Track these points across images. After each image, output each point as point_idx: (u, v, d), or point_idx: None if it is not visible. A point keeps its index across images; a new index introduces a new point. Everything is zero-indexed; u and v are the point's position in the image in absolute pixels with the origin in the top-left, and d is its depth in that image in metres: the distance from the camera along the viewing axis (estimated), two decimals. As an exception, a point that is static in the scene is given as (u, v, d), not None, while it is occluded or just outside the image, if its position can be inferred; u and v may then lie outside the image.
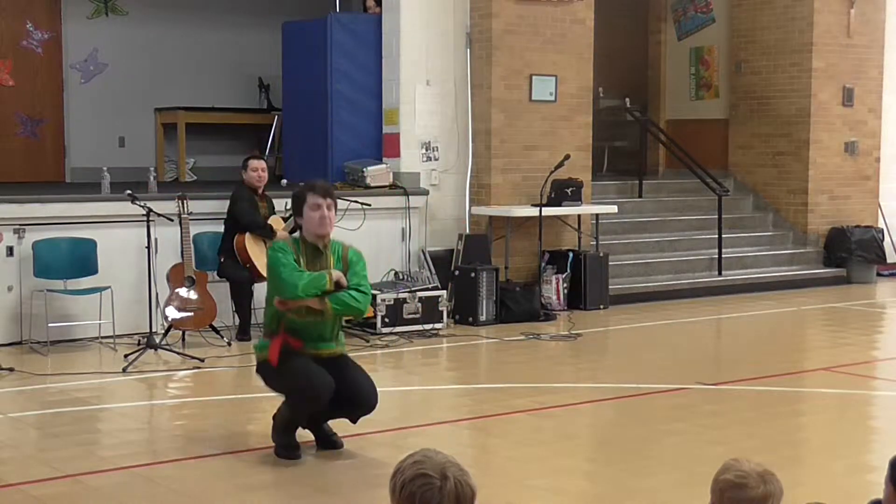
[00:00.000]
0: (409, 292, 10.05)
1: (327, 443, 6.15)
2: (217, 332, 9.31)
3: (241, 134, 14.08)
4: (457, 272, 10.71)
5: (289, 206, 9.90)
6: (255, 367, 6.26)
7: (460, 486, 2.45)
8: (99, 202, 9.73)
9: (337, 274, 5.93)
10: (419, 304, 10.05)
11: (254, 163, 9.71)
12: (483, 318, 10.44)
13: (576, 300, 11.26)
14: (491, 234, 11.26)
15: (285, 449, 6.01)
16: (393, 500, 2.51)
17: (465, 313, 10.49)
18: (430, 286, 10.44)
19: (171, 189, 10.26)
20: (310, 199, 6.01)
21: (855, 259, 13.61)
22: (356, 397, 6.05)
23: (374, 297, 9.82)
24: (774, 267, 13.36)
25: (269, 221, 9.59)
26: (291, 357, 5.92)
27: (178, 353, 8.76)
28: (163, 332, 9.05)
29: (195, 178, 13.75)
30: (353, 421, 6.18)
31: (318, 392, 5.85)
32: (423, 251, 11.07)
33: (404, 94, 11.22)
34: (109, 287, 9.07)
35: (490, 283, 10.52)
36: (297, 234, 6.25)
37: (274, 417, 6.14)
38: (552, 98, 11.62)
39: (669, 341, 10.06)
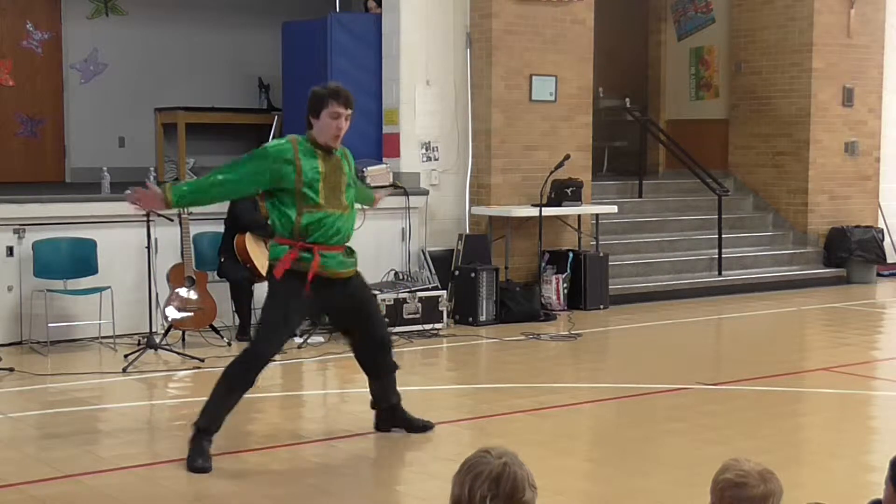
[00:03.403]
0: (409, 292, 10.05)
1: (417, 426, 6.37)
2: (217, 332, 9.31)
3: (241, 134, 14.06)
4: (457, 272, 10.71)
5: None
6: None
7: (507, 470, 2.63)
8: (99, 202, 9.73)
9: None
10: (419, 304, 10.05)
11: (254, 162, 9.70)
12: (483, 318, 10.44)
13: (576, 300, 11.26)
14: (491, 234, 11.26)
15: (199, 463, 5.75)
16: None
17: (465, 313, 10.49)
18: (430, 286, 10.44)
19: (171, 189, 10.24)
20: (331, 106, 5.95)
21: (855, 259, 13.61)
22: (377, 334, 6.25)
23: (374, 296, 9.81)
24: (774, 267, 13.36)
25: (269, 221, 9.57)
26: (293, 302, 5.95)
27: (178, 353, 8.76)
28: (163, 332, 9.05)
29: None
30: (393, 367, 6.33)
31: (264, 362, 5.98)
32: (423, 251, 11.07)
33: (404, 94, 11.22)
34: (109, 287, 9.08)
35: (490, 283, 10.52)
36: (304, 136, 6.07)
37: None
38: (552, 98, 11.62)
39: (669, 341, 10.06)
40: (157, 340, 8.76)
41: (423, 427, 6.49)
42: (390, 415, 6.48)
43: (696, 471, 5.32)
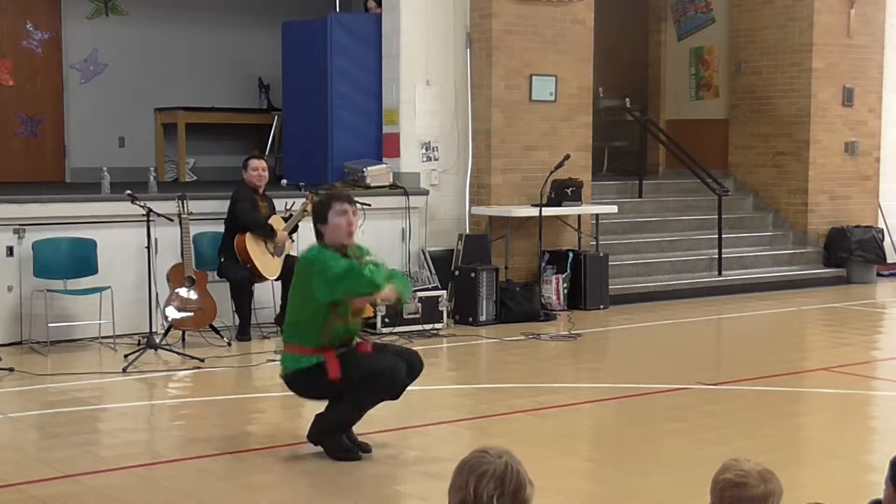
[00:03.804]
0: (409, 292, 10.04)
1: (361, 447, 6.17)
2: (217, 332, 9.31)
3: (241, 134, 14.08)
4: (457, 272, 10.71)
5: (289, 206, 9.97)
6: (287, 383, 6.12)
7: (510, 469, 2.67)
8: (99, 202, 9.73)
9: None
10: (419, 304, 10.05)
11: (254, 162, 9.72)
12: (483, 318, 10.44)
13: (576, 300, 11.26)
14: (491, 234, 11.26)
15: (345, 451, 5.98)
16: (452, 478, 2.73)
17: (465, 313, 10.49)
18: (430, 286, 10.44)
19: (171, 189, 10.27)
20: (336, 206, 6.00)
21: (855, 259, 13.61)
22: (409, 359, 6.16)
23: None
24: (774, 267, 13.36)
25: (269, 221, 9.59)
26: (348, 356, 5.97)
27: (178, 353, 8.75)
28: (163, 332, 9.05)
29: (195, 178, 13.75)
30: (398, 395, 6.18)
31: (399, 372, 5.98)
32: (423, 251, 11.07)
33: (404, 94, 11.22)
34: (109, 287, 9.07)
35: (490, 283, 10.52)
36: (317, 244, 6.12)
37: (323, 418, 6.05)
38: (552, 98, 11.62)
39: (669, 341, 10.06)
40: (157, 340, 8.76)
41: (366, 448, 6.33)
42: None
43: (696, 471, 5.32)
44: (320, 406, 6.14)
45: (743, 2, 14.26)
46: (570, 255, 11.37)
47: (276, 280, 9.50)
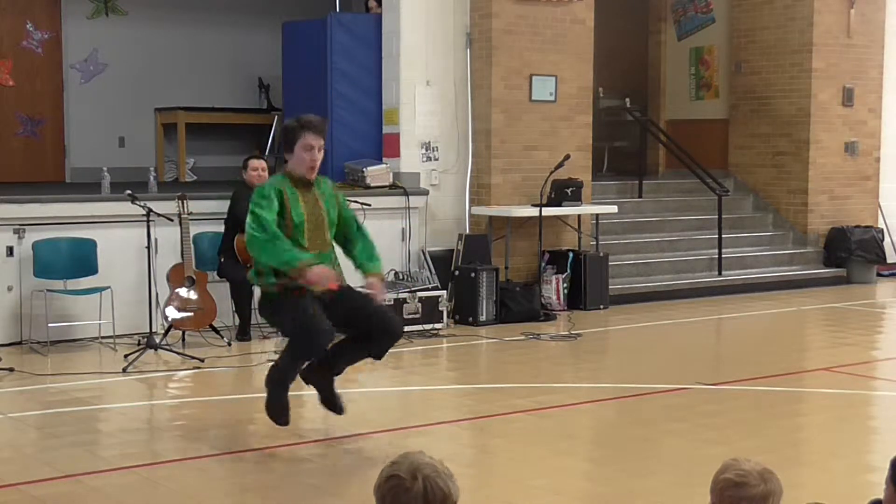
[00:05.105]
0: (409, 292, 10.05)
1: (330, 402, 6.21)
2: (217, 332, 9.31)
3: (241, 134, 14.09)
4: (457, 272, 10.71)
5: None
6: (258, 304, 6.25)
7: (429, 487, 2.53)
8: (99, 202, 9.73)
9: (317, 274, 5.83)
10: (419, 304, 10.05)
11: (254, 162, 9.73)
12: (483, 318, 10.44)
13: (576, 300, 11.26)
14: (491, 234, 11.26)
15: (277, 409, 6.03)
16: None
17: (465, 313, 10.50)
18: (430, 286, 10.44)
19: (171, 189, 10.27)
20: (304, 139, 5.98)
21: (855, 259, 13.61)
22: (384, 323, 6.10)
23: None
24: (774, 267, 13.36)
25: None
26: (299, 299, 5.91)
27: (178, 353, 8.76)
28: (163, 332, 9.05)
29: (195, 178, 13.76)
30: (380, 356, 6.15)
31: (321, 339, 5.88)
32: (423, 251, 11.08)
33: (404, 94, 11.23)
34: (109, 287, 9.07)
35: (490, 283, 10.52)
36: (282, 171, 6.14)
37: (272, 367, 6.14)
38: (552, 98, 11.62)
39: (669, 341, 10.06)
40: (157, 340, 8.76)
41: (338, 408, 6.35)
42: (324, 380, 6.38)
43: (696, 471, 5.32)
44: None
45: (743, 2, 14.26)
46: (570, 255, 11.38)
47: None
